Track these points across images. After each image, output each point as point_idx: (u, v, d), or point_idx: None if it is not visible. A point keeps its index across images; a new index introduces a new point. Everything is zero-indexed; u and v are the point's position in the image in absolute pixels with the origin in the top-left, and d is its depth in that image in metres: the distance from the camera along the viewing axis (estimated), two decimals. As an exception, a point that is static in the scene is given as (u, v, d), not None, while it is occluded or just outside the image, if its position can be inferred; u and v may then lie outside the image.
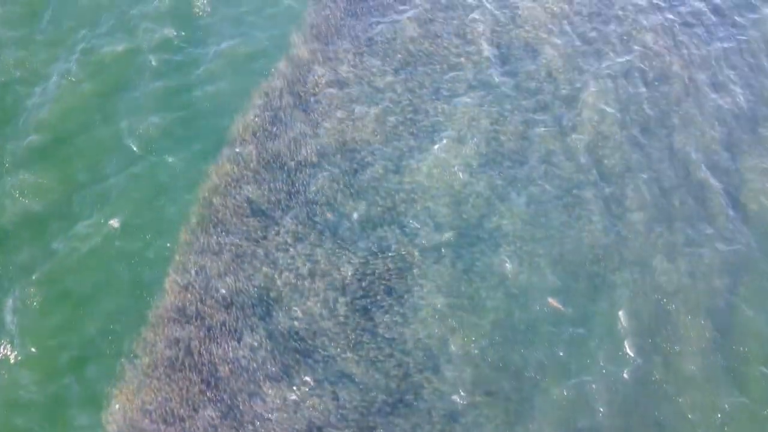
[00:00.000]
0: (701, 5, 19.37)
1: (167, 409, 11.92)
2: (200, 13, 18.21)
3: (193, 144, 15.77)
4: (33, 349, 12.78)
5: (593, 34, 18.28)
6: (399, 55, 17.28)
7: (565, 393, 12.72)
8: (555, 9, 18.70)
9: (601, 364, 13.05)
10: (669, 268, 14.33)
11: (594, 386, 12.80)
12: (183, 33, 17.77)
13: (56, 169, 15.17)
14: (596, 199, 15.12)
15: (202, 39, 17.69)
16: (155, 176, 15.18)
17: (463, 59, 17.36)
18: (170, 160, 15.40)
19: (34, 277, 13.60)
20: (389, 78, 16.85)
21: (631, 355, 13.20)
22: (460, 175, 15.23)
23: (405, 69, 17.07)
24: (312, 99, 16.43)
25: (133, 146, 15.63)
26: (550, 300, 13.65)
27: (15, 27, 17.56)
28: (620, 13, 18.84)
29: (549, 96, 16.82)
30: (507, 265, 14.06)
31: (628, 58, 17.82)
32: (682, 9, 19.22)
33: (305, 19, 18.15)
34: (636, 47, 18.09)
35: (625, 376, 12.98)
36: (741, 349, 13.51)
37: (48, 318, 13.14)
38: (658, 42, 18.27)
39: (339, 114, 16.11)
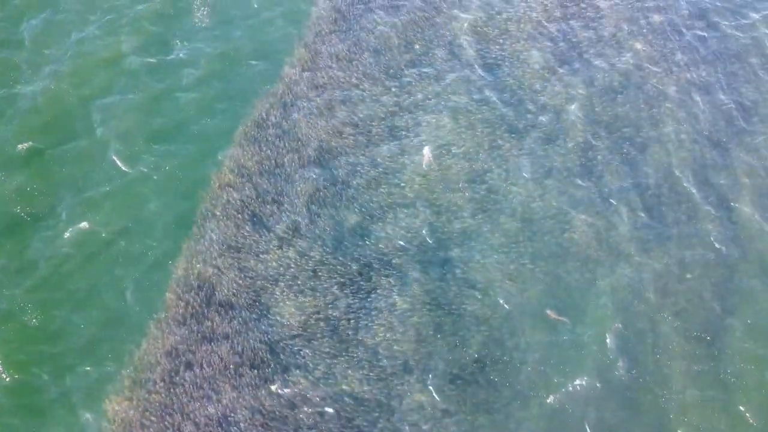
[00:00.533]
0: (690, 12, 19.62)
1: (167, 423, 11.88)
2: (197, 20, 18.05)
3: (189, 150, 15.64)
4: (21, 357, 12.66)
5: (582, 41, 18.46)
6: (396, 63, 17.33)
7: (563, 404, 12.81)
8: (544, 19, 18.86)
9: (592, 376, 13.17)
10: (661, 280, 14.47)
11: (585, 400, 12.93)
12: (180, 36, 17.64)
13: (43, 174, 14.99)
14: (587, 211, 15.27)
15: (201, 42, 17.57)
16: (150, 183, 15.06)
17: (455, 68, 17.45)
18: (166, 167, 15.28)
19: (26, 284, 13.49)
20: (389, 89, 16.86)
21: (622, 370, 13.29)
22: (456, 186, 15.33)
23: (400, 78, 17.10)
24: (312, 106, 16.36)
25: (125, 151, 15.48)
26: (549, 312, 13.85)
27: (3, 30, 17.33)
28: (610, 22, 19.06)
29: (540, 106, 16.94)
30: (498, 277, 14.13)
31: (616, 66, 18.00)
32: (672, 15, 19.46)
33: (304, 24, 18.12)
34: (626, 55, 18.27)
35: (615, 389, 13.09)
36: (733, 358, 13.63)
37: (36, 326, 13.02)
38: (648, 49, 18.49)
39: (337, 122, 16.09)
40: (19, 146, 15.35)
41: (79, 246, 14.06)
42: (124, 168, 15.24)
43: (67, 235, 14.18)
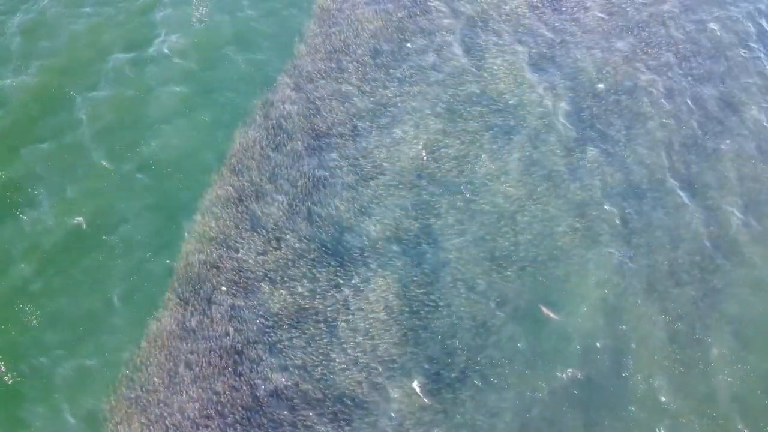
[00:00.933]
0: (679, 9, 19.86)
1: (166, 422, 11.80)
2: (190, 15, 17.91)
3: (183, 146, 15.53)
4: (10, 353, 12.48)
5: (578, 41, 18.60)
6: (392, 61, 17.34)
7: (559, 404, 12.90)
8: (538, 19, 19.01)
9: (585, 376, 13.26)
10: (653, 282, 14.59)
11: (579, 400, 13.01)
12: (174, 31, 17.48)
13: (33, 169, 14.82)
14: (580, 212, 15.38)
15: (196, 38, 17.45)
16: (143, 179, 14.95)
17: (451, 67, 17.53)
18: (160, 163, 15.17)
19: (15, 278, 13.33)
20: (386, 87, 16.91)
21: (614, 371, 13.41)
22: (453, 186, 15.39)
23: (396, 76, 17.13)
24: (309, 103, 16.32)
25: (117, 146, 15.34)
26: (543, 308, 13.97)
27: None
28: (604, 22, 19.23)
29: (535, 105, 17.05)
30: (496, 278, 14.20)
31: (609, 66, 18.16)
32: (661, 11, 19.71)
33: (301, 20, 18.09)
34: (617, 54, 18.43)
35: (608, 389, 13.20)
36: (724, 360, 13.77)
37: (27, 322, 12.87)
38: (639, 48, 18.68)
39: (335, 119, 16.07)
40: (6, 140, 15.11)
41: (71, 242, 13.94)
42: (116, 163, 15.11)
43: (57, 230, 14.07)
